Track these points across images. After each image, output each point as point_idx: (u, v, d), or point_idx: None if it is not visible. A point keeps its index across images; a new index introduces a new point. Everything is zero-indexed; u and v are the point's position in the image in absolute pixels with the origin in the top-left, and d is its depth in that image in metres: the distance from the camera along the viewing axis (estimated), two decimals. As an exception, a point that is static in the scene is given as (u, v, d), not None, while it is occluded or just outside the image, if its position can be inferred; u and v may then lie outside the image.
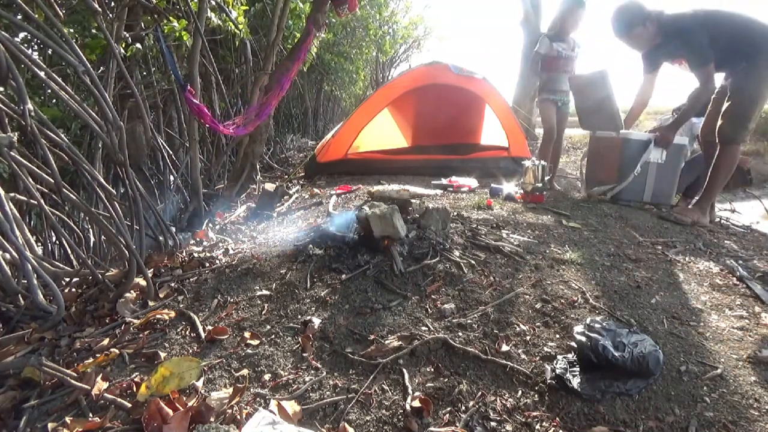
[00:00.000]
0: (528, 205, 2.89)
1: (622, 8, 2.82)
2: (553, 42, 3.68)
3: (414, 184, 3.58)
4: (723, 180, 2.81)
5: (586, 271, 1.88)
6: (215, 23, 3.66)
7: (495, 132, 4.73)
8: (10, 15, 1.68)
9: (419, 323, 1.47)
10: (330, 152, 4.35)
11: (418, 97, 4.75)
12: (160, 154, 3.80)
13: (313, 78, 8.78)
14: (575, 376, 1.20)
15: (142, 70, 3.94)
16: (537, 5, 7.08)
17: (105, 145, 1.84)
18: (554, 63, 3.71)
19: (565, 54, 3.70)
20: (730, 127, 2.66)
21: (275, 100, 3.44)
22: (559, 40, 3.69)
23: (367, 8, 8.07)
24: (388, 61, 12.51)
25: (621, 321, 1.51)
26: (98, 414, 1.13)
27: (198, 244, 2.51)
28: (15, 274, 1.69)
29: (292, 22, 4.95)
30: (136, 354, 1.38)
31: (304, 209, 3.07)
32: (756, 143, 9.38)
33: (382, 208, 1.88)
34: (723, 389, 1.22)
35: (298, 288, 1.71)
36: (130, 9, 3.20)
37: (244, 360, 1.33)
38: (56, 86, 1.62)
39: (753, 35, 2.56)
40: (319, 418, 1.12)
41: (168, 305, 1.69)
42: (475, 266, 1.81)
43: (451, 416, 1.11)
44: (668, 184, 3.12)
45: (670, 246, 2.34)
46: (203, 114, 2.85)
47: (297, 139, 8.20)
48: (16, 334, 1.48)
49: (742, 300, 1.77)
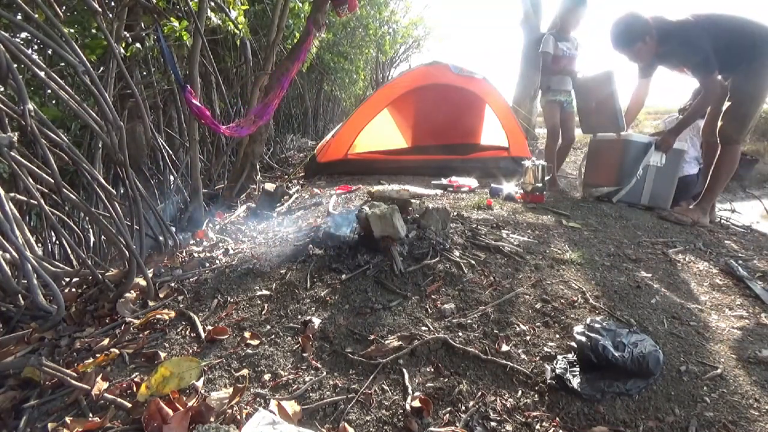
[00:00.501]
0: (528, 205, 2.89)
1: (621, 23, 2.76)
2: (558, 41, 3.68)
3: (414, 184, 3.58)
4: (724, 180, 2.81)
5: (586, 271, 1.88)
6: (215, 23, 3.66)
7: (495, 132, 4.73)
8: (10, 15, 1.68)
9: (419, 323, 1.47)
10: (330, 152, 4.36)
11: (418, 97, 4.75)
12: (160, 154, 3.80)
13: (313, 78, 8.78)
14: (575, 376, 1.20)
15: (142, 70, 3.93)
16: (537, 5, 7.07)
17: (105, 145, 1.84)
18: (558, 62, 3.70)
19: (569, 53, 3.70)
20: (730, 128, 2.67)
21: (276, 101, 3.44)
22: (562, 39, 3.69)
23: (367, 8, 8.07)
24: (388, 61, 12.50)
25: (621, 321, 1.51)
26: (98, 414, 1.13)
27: (198, 244, 2.50)
28: (15, 274, 1.69)
29: (292, 22, 4.95)
30: (136, 354, 1.38)
31: (304, 209, 3.07)
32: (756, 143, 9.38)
33: (382, 208, 1.88)
34: (723, 389, 1.22)
35: (298, 288, 1.71)
36: (130, 9, 3.20)
37: (244, 360, 1.33)
38: (56, 86, 1.62)
39: (753, 36, 2.56)
40: (319, 418, 1.12)
41: (168, 305, 1.69)
42: (475, 266, 1.81)
43: (451, 416, 1.11)
44: (666, 187, 3.10)
45: (670, 246, 2.34)
46: (203, 114, 2.84)
47: (297, 139, 8.19)
48: (16, 334, 1.48)
49: (742, 300, 1.77)
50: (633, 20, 2.73)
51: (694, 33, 2.61)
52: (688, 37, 2.63)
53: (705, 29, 2.60)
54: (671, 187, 3.11)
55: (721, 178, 2.78)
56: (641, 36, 2.71)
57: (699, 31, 2.60)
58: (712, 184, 2.81)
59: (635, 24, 2.72)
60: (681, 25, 2.67)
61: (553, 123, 3.81)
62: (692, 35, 2.61)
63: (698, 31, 2.61)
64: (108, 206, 1.77)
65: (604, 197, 3.15)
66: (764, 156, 9.31)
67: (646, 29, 2.69)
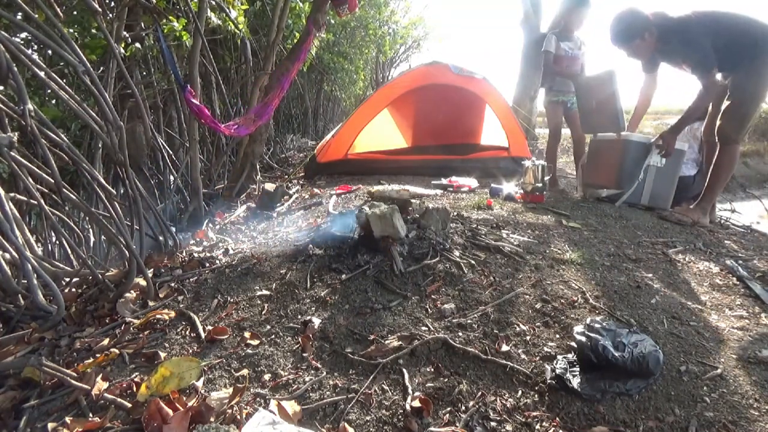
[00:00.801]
0: (528, 205, 2.89)
1: (620, 19, 2.75)
2: (561, 41, 3.66)
3: (414, 184, 3.58)
4: (724, 180, 2.81)
5: (586, 271, 1.88)
6: (215, 23, 3.66)
7: (495, 132, 4.73)
8: (10, 15, 1.68)
9: (419, 323, 1.47)
10: (330, 152, 4.35)
11: (418, 97, 4.75)
12: (160, 154, 3.80)
13: (313, 78, 8.78)
14: (575, 376, 1.20)
15: (142, 70, 3.93)
16: (537, 5, 7.06)
17: (105, 145, 1.84)
18: (561, 62, 3.69)
19: (571, 53, 3.69)
20: (729, 127, 2.66)
21: (276, 101, 3.44)
22: (564, 39, 3.68)
23: (366, 8, 8.07)
24: (388, 62, 12.51)
25: (621, 321, 1.51)
26: (98, 414, 1.13)
27: (198, 244, 2.51)
28: (15, 274, 1.69)
29: (292, 22, 4.95)
30: (136, 354, 1.38)
31: (304, 209, 3.07)
32: (756, 143, 9.39)
33: (382, 208, 1.88)
34: (723, 389, 1.22)
35: (298, 288, 1.71)
36: (130, 9, 3.20)
37: (244, 360, 1.33)
38: (56, 86, 1.62)
39: (754, 35, 2.55)
40: (319, 418, 1.12)
41: (168, 305, 1.69)
42: (475, 266, 1.81)
43: (451, 416, 1.11)
44: (666, 188, 3.08)
45: (670, 246, 2.34)
46: (203, 114, 2.84)
47: (297, 139, 8.19)
48: (16, 334, 1.48)
49: (742, 300, 1.77)
50: (632, 16, 2.72)
51: (695, 30, 2.60)
52: (688, 35, 2.62)
53: (706, 26, 2.59)
54: (671, 187, 3.10)
55: (720, 177, 2.78)
56: (640, 33, 2.71)
57: (700, 29, 2.59)
58: (711, 183, 2.81)
59: (635, 20, 2.71)
60: (682, 22, 2.66)
61: (555, 123, 3.80)
62: (693, 33, 2.61)
63: (699, 28, 2.59)
64: (108, 206, 1.77)
65: (605, 199, 3.14)
66: (764, 156, 9.32)
67: (645, 26, 2.69)
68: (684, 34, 2.64)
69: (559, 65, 3.69)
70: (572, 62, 3.71)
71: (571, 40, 3.71)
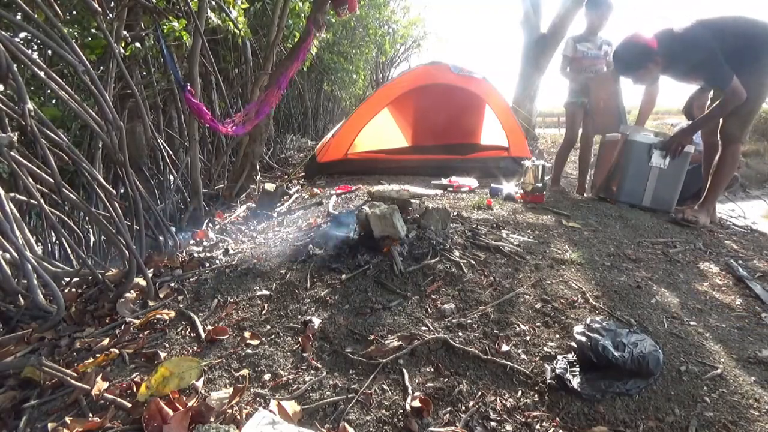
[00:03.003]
0: (528, 205, 2.89)
1: (624, 50, 2.73)
2: (578, 43, 3.63)
3: (414, 184, 3.58)
4: (726, 179, 2.81)
5: (586, 271, 1.88)
6: (215, 23, 3.66)
7: (495, 132, 4.72)
8: (10, 15, 1.68)
9: (419, 323, 1.47)
10: (330, 152, 4.35)
11: (418, 97, 4.74)
12: (160, 154, 3.80)
13: (313, 78, 8.77)
14: (575, 376, 1.20)
15: (142, 70, 3.93)
16: (537, 5, 7.07)
17: (105, 145, 1.85)
18: (578, 64, 3.63)
19: (590, 53, 3.63)
20: (734, 126, 2.66)
21: (274, 99, 3.44)
22: (584, 40, 3.65)
23: (366, 8, 8.06)
24: (388, 61, 12.49)
25: (621, 321, 1.51)
26: (98, 414, 1.13)
27: (198, 244, 2.51)
28: (15, 274, 1.69)
29: (292, 22, 4.94)
30: (136, 354, 1.38)
31: (304, 209, 3.07)
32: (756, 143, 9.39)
33: (382, 208, 1.88)
34: (723, 389, 1.22)
35: (298, 288, 1.71)
36: (130, 9, 3.20)
37: (244, 360, 1.33)
38: (56, 86, 1.62)
39: (758, 36, 2.54)
40: (319, 418, 1.12)
41: (168, 305, 1.69)
42: (475, 266, 1.81)
43: (451, 416, 1.11)
44: (670, 190, 3.02)
45: (670, 246, 2.34)
46: (203, 114, 2.84)
47: (297, 139, 8.18)
48: (16, 334, 1.48)
49: (742, 300, 1.77)
50: (635, 49, 2.69)
51: (703, 46, 2.53)
52: (698, 54, 2.55)
53: (714, 38, 2.52)
54: (675, 190, 3.03)
55: (723, 177, 2.77)
56: (644, 64, 2.69)
57: (709, 43, 2.52)
58: (714, 183, 2.81)
59: (637, 53, 2.68)
60: (688, 42, 2.59)
61: (572, 129, 3.74)
62: (702, 50, 2.54)
63: (708, 43, 2.52)
64: (108, 206, 1.77)
65: (605, 198, 3.14)
66: (764, 156, 9.31)
67: (648, 57, 2.65)
68: (694, 54, 2.57)
69: (577, 67, 3.65)
70: (593, 63, 3.63)
71: (591, 41, 3.65)
